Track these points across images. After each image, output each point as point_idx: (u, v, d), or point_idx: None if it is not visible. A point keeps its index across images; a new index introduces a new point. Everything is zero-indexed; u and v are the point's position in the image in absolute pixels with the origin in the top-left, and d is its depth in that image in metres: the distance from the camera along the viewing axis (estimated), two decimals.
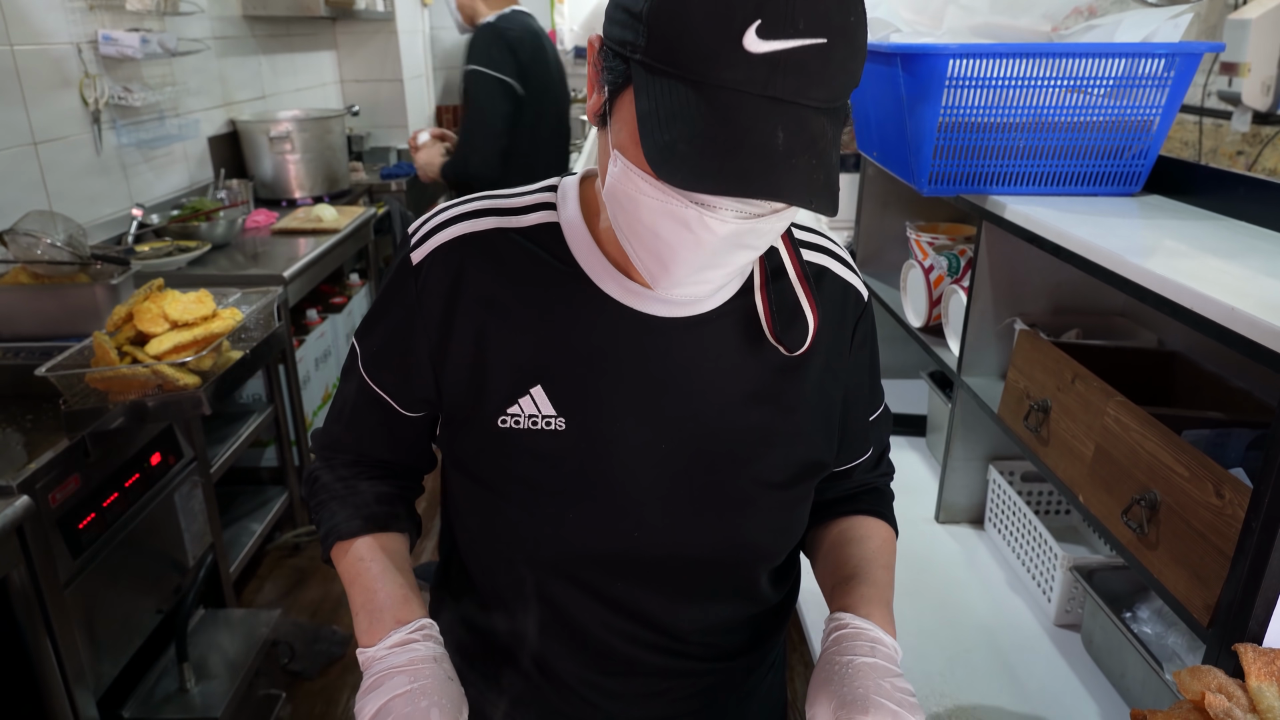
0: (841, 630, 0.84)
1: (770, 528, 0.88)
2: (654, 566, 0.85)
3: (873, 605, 0.86)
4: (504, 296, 0.81)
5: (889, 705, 0.76)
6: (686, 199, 0.65)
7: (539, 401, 0.81)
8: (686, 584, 0.87)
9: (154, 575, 2.06)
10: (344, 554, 0.87)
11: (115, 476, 1.90)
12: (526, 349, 0.81)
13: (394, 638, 0.79)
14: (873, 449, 0.99)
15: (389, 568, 0.85)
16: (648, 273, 0.73)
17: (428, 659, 0.78)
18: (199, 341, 1.87)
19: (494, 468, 0.83)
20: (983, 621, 1.37)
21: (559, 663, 0.90)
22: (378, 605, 0.82)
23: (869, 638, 0.83)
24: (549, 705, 0.93)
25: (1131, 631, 1.17)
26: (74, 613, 1.74)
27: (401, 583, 0.84)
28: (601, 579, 0.85)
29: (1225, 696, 0.76)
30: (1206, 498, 0.92)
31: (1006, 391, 1.36)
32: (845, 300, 0.90)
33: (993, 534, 1.57)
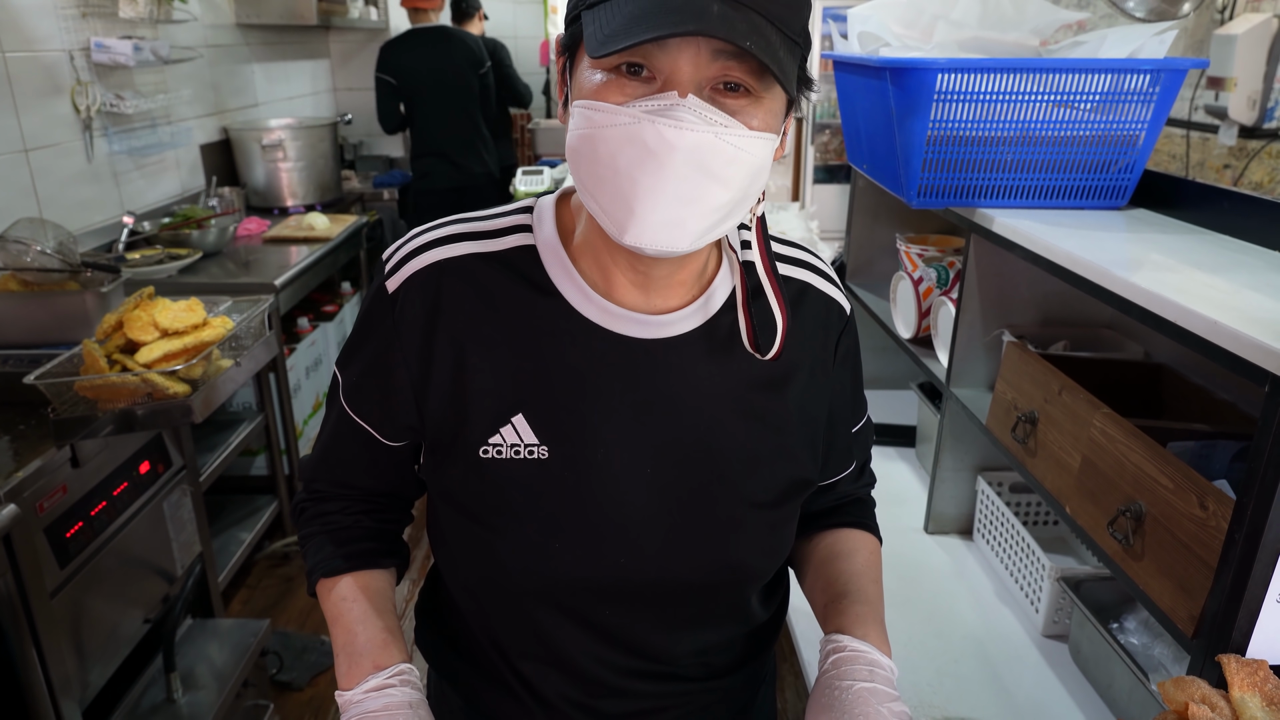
0: (839, 654, 0.84)
1: (759, 548, 0.88)
2: (643, 592, 0.85)
3: (868, 625, 0.87)
4: (482, 324, 0.80)
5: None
6: (639, 113, 0.67)
7: (521, 430, 0.80)
8: (676, 608, 0.87)
9: (142, 584, 2.05)
10: (328, 592, 0.87)
11: (104, 485, 1.90)
12: (506, 377, 0.80)
13: (371, 682, 0.79)
14: (856, 462, 1.00)
15: (370, 610, 0.84)
16: (615, 222, 0.71)
17: (403, 704, 0.78)
18: (189, 350, 1.87)
19: (478, 497, 0.82)
20: (971, 632, 1.37)
21: (547, 687, 0.89)
22: (357, 648, 0.82)
23: (866, 661, 0.83)
24: (521, 714, 0.92)
25: (1118, 642, 1.17)
26: (61, 622, 1.73)
27: (381, 626, 0.84)
28: (590, 606, 0.85)
29: (1209, 707, 0.77)
30: (1191, 509, 0.92)
31: (994, 403, 1.37)
32: (828, 315, 0.90)
33: (981, 544, 1.57)
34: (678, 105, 0.66)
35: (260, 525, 2.87)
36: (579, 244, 0.81)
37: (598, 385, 0.81)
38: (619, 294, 0.80)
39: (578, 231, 0.82)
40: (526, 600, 0.85)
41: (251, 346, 2.14)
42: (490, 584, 0.86)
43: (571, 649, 0.87)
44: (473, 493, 0.82)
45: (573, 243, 0.82)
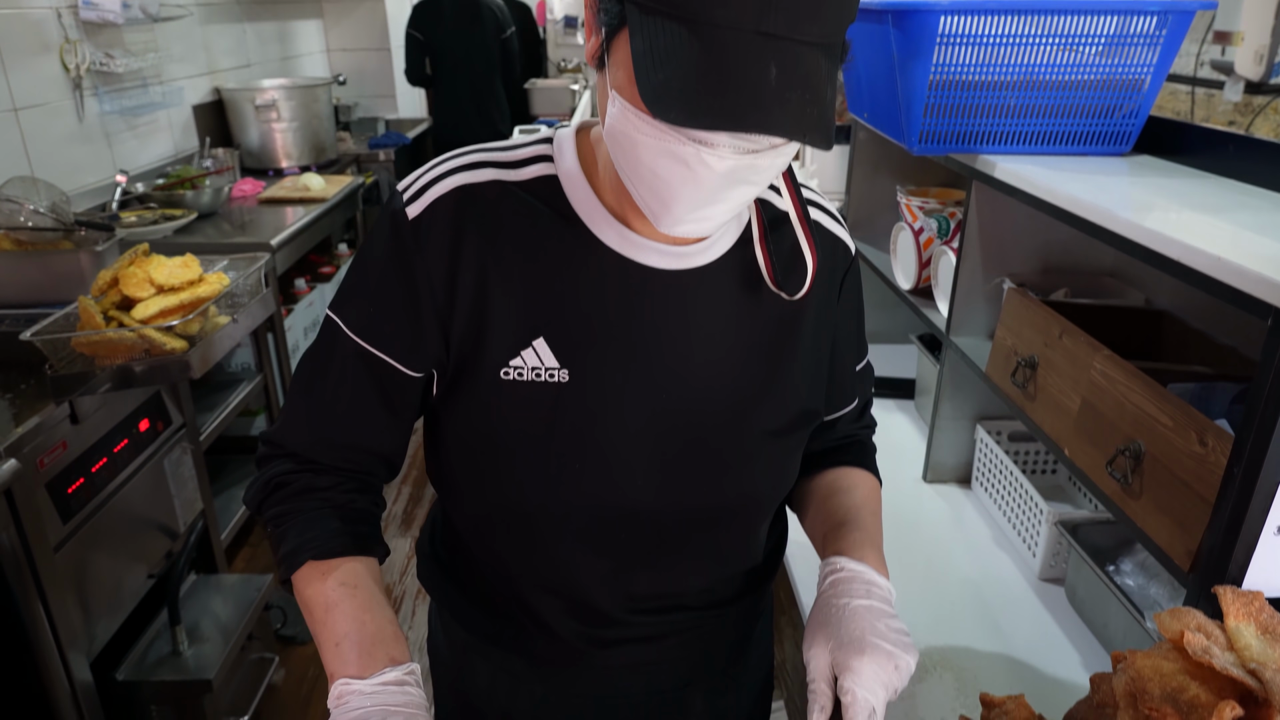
0: (837, 574, 0.86)
1: (769, 476, 0.90)
2: (657, 519, 0.85)
3: (865, 549, 0.88)
4: (505, 249, 0.79)
5: (885, 646, 0.78)
6: (683, 137, 0.65)
7: (541, 353, 0.80)
8: (689, 537, 0.88)
9: (145, 540, 2.06)
10: (322, 575, 0.80)
11: (104, 442, 1.90)
12: (528, 301, 0.80)
13: (389, 675, 0.75)
14: (858, 400, 1.00)
15: (376, 599, 0.81)
16: (649, 211, 0.73)
17: (421, 705, 0.75)
18: (185, 306, 1.86)
19: (496, 423, 0.81)
20: (969, 577, 1.38)
21: (556, 618, 0.90)
22: (368, 636, 0.77)
23: (864, 580, 0.85)
24: (539, 654, 0.93)
25: (1114, 583, 1.18)
26: (65, 576, 1.74)
27: (392, 618, 0.81)
28: (604, 534, 0.85)
29: (1204, 635, 0.78)
30: (1190, 446, 0.93)
31: (994, 349, 1.37)
32: (835, 252, 0.91)
33: (979, 493, 1.58)
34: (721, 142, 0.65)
35: None
36: (602, 175, 0.81)
37: (618, 313, 0.81)
38: (641, 225, 0.80)
39: (600, 163, 0.81)
40: (541, 530, 0.85)
41: (248, 304, 2.13)
42: (504, 516, 0.86)
43: (584, 579, 0.87)
44: (490, 418, 0.81)
45: (595, 173, 0.81)
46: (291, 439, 0.85)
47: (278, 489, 0.84)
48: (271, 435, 0.87)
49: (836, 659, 0.78)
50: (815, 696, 0.79)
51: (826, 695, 0.78)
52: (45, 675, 1.75)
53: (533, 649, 0.93)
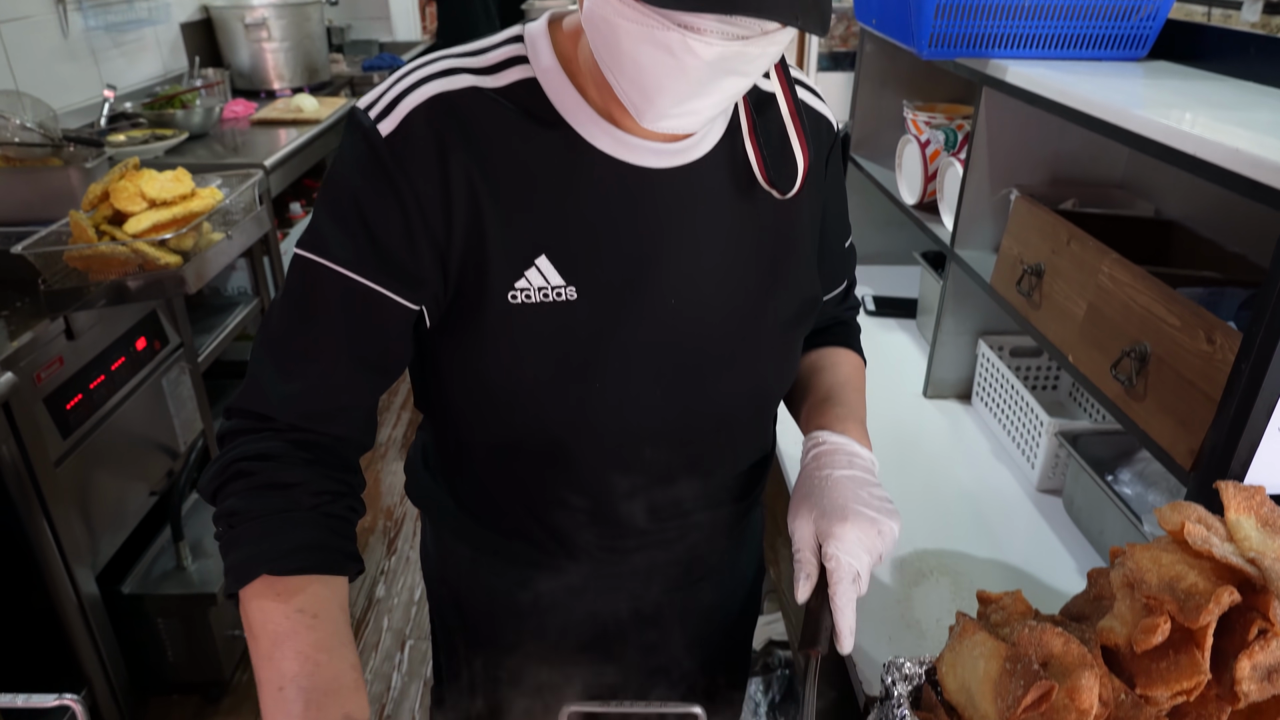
0: (820, 447, 0.86)
1: (779, 370, 0.90)
2: (676, 428, 0.84)
3: (848, 422, 0.89)
4: (494, 163, 0.73)
5: (867, 512, 0.78)
6: (668, 22, 0.60)
7: (546, 272, 0.75)
8: (705, 440, 0.87)
9: (146, 459, 2.07)
10: (277, 596, 0.67)
11: (101, 359, 1.89)
12: (524, 217, 0.74)
13: None
14: (845, 280, 1.00)
15: (341, 634, 0.68)
16: (631, 104, 0.68)
17: None
18: (178, 220, 1.83)
19: (508, 352, 0.77)
20: (967, 488, 1.39)
21: (576, 532, 0.89)
22: (321, 683, 0.64)
23: (846, 451, 0.85)
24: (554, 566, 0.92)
25: (1113, 490, 1.18)
26: (67, 491, 1.75)
27: (353, 661, 0.68)
28: (627, 448, 0.83)
29: (1204, 527, 0.78)
30: (1198, 345, 0.91)
31: (1000, 259, 1.35)
32: (819, 130, 0.88)
33: (979, 407, 1.58)
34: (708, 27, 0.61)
35: None
36: (583, 69, 0.75)
37: (618, 220, 0.77)
38: (629, 121, 0.75)
39: (580, 57, 0.75)
40: (561, 452, 0.82)
41: (242, 221, 2.10)
42: (521, 442, 0.83)
43: (605, 494, 0.86)
44: (504, 347, 0.76)
45: (576, 69, 0.76)
46: (262, 403, 0.74)
47: (236, 478, 0.71)
48: (238, 403, 0.75)
49: (820, 527, 0.79)
50: (800, 565, 0.79)
51: (811, 563, 0.79)
52: (52, 588, 1.78)
53: (548, 562, 0.92)
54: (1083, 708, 0.76)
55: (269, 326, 0.76)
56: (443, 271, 0.74)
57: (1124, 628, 0.80)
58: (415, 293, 0.75)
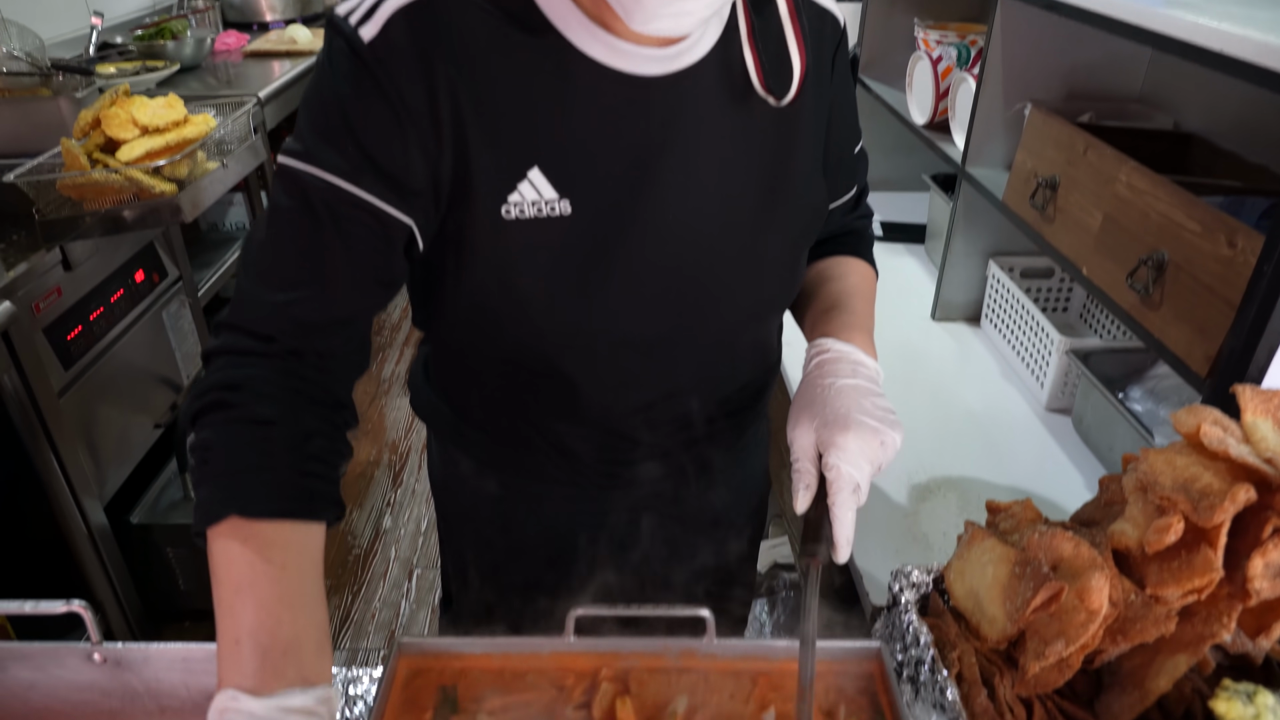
0: (823, 355, 0.83)
1: (784, 280, 0.87)
2: (678, 342, 0.82)
3: (854, 331, 0.85)
4: (479, 70, 0.69)
5: (869, 422, 0.76)
6: None
7: (539, 185, 0.72)
8: (710, 352, 0.85)
9: (149, 391, 2.06)
10: (239, 540, 0.62)
11: (100, 290, 1.87)
12: (514, 128, 0.71)
13: (293, 700, 0.58)
14: (855, 187, 0.96)
15: (304, 590, 0.63)
16: (620, 6, 0.65)
17: None
18: (171, 147, 1.79)
19: (505, 270, 0.74)
20: (975, 408, 1.38)
21: (579, 445, 0.88)
22: (279, 640, 0.60)
23: (850, 360, 0.82)
24: (560, 478, 0.92)
25: (1125, 406, 1.17)
26: (71, 422, 1.75)
27: (317, 620, 0.63)
28: (627, 363, 0.82)
29: (1220, 429, 0.76)
30: (1218, 250, 0.89)
31: (1013, 174, 1.32)
32: (823, 27, 0.83)
33: (988, 329, 1.56)
34: None
35: None
36: None
37: (611, 130, 0.73)
38: (620, 26, 0.70)
39: None
40: (563, 369, 0.81)
41: (237, 150, 2.06)
42: (521, 360, 0.82)
43: (609, 409, 0.85)
44: (501, 265, 0.74)
45: None
46: (251, 315, 0.69)
47: (215, 409, 0.66)
48: (227, 318, 0.70)
49: (821, 437, 0.75)
50: (799, 475, 0.76)
51: (811, 473, 0.76)
52: (61, 518, 1.79)
53: (551, 474, 0.91)
54: (1092, 608, 0.75)
55: (255, 240, 0.72)
56: (434, 182, 0.71)
57: (1135, 530, 0.79)
58: (408, 203, 0.71)
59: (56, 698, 0.82)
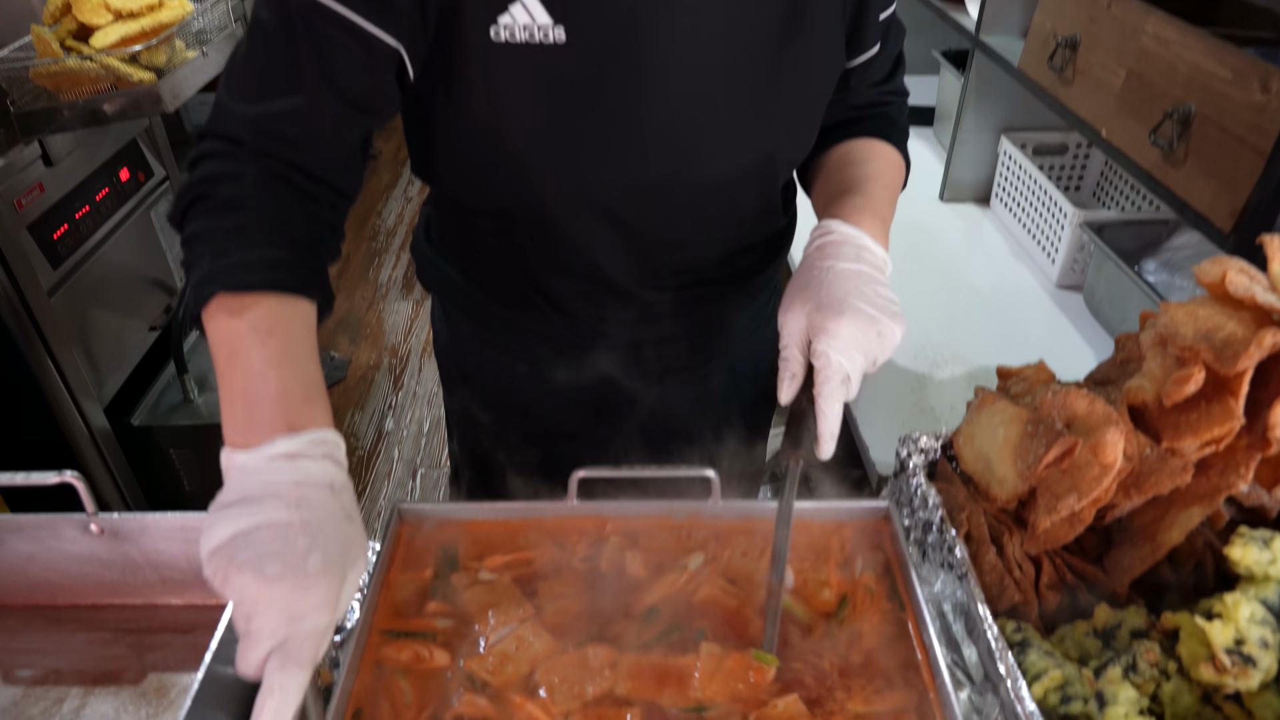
0: (827, 237, 0.77)
1: (793, 134, 0.82)
2: (677, 187, 0.78)
3: (864, 215, 0.78)
4: None
5: (868, 310, 0.70)
6: None
7: (531, 8, 0.67)
8: (710, 204, 0.81)
9: (142, 293, 2.03)
10: (230, 314, 0.62)
11: (83, 188, 1.82)
12: None
13: (279, 446, 0.57)
14: (881, 47, 0.89)
15: (289, 349, 0.62)
16: None
17: (320, 485, 0.57)
18: (147, 32, 1.71)
19: (495, 100, 0.70)
20: (984, 285, 1.35)
21: (572, 298, 0.85)
22: (265, 396, 0.59)
23: (856, 244, 0.76)
24: (558, 338, 0.90)
25: (1141, 277, 1.14)
26: (64, 323, 1.72)
27: (304, 375, 0.62)
28: (621, 209, 0.78)
29: (1246, 277, 0.73)
30: (1250, 96, 0.84)
31: (1031, 36, 1.25)
32: None
33: (998, 209, 1.52)
34: None
35: None
36: None
37: None
38: None
39: None
40: (555, 212, 0.78)
41: (217, 39, 1.97)
42: (514, 202, 0.78)
43: (602, 258, 0.81)
44: (490, 95, 0.70)
45: None
46: (233, 123, 0.67)
47: (198, 201, 0.66)
48: (208, 127, 0.69)
49: (813, 321, 0.70)
50: (785, 363, 0.71)
51: (798, 361, 0.71)
52: (62, 421, 1.78)
53: (551, 333, 0.89)
54: (1106, 462, 0.74)
55: (238, 55, 0.69)
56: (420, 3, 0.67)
57: (1153, 385, 0.77)
58: (392, 21, 0.66)
59: (56, 570, 0.81)
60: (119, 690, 0.76)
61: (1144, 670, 0.70)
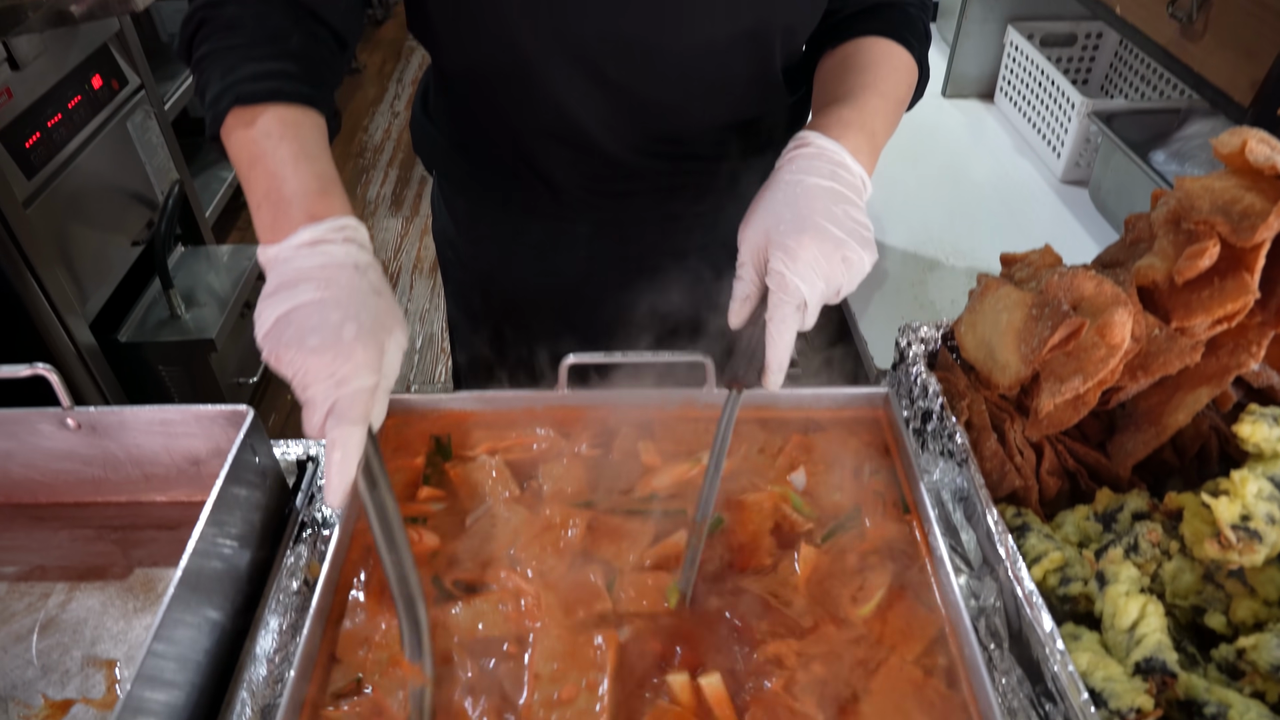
0: (802, 149, 0.69)
1: (789, 5, 0.76)
2: (663, 50, 0.74)
3: (848, 130, 0.71)
4: None
5: (835, 231, 0.64)
6: None
7: None
8: (696, 68, 0.77)
9: (123, 208, 1.98)
10: (245, 125, 0.65)
11: (54, 95, 1.75)
12: None
13: (303, 235, 0.61)
14: None
15: (303, 151, 0.64)
16: None
17: (345, 265, 0.60)
18: None
19: None
20: (986, 182, 1.31)
21: (558, 166, 0.82)
22: (286, 195, 0.63)
23: (832, 160, 0.68)
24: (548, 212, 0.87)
25: (1151, 166, 1.10)
26: (42, 236, 1.68)
27: (319, 171, 0.64)
28: (604, 67, 0.74)
29: (1267, 147, 0.70)
30: None
31: None
32: None
33: (1003, 104, 1.47)
34: None
35: None
36: None
37: None
38: None
39: None
40: (538, 70, 0.75)
41: None
42: (498, 60, 0.76)
43: (586, 120, 0.78)
44: None
45: None
46: None
47: (202, 25, 0.68)
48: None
49: (772, 238, 0.64)
50: (739, 282, 0.66)
51: (753, 282, 0.66)
52: (47, 337, 1.75)
53: (541, 207, 0.87)
54: (1114, 343, 0.71)
55: None
56: None
57: (1164, 263, 0.74)
58: None
59: (36, 468, 0.79)
60: (105, 585, 0.75)
61: (1145, 550, 0.69)
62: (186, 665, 0.61)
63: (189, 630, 0.62)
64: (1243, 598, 0.65)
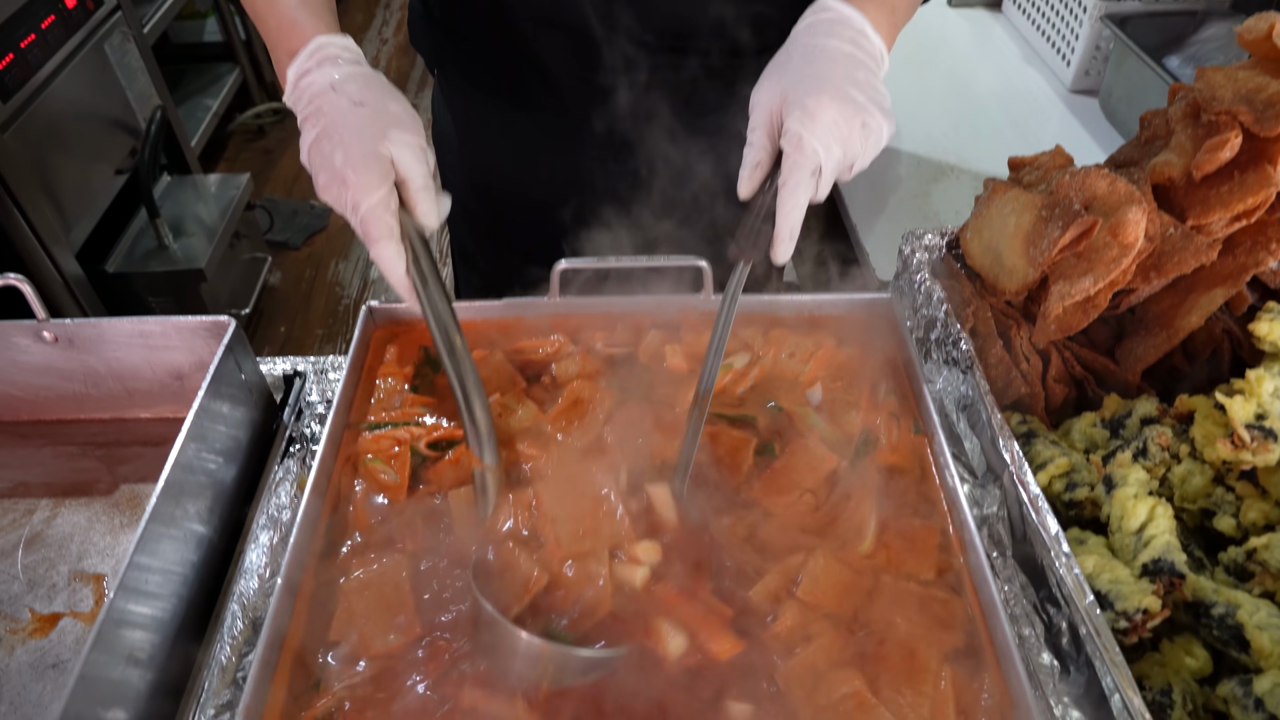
0: (821, 14, 0.65)
1: None
2: None
3: (869, 3, 0.66)
4: None
5: (856, 95, 0.60)
6: None
7: None
8: None
9: (105, 136, 1.92)
10: None
11: (26, 15, 1.68)
12: None
13: (291, 73, 0.64)
14: None
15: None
16: None
17: (323, 90, 0.62)
18: None
19: None
20: (993, 91, 1.26)
21: (551, 53, 0.80)
22: (272, 36, 0.66)
23: (853, 26, 0.64)
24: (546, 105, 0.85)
25: (1166, 71, 1.05)
26: (21, 163, 1.63)
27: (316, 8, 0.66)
28: None
29: None
30: None
31: None
32: None
33: (1011, 11, 1.41)
34: None
35: (225, 93, 2.68)
36: None
37: None
38: None
39: None
40: None
41: None
42: None
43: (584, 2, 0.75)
44: None
45: None
46: None
47: None
48: None
49: (789, 98, 0.59)
50: (751, 148, 0.62)
51: (764, 148, 0.61)
52: (33, 267, 1.72)
53: (538, 100, 0.84)
54: (1126, 242, 0.69)
55: None
56: None
57: (1182, 158, 0.71)
58: None
59: (15, 384, 0.77)
60: (90, 501, 0.73)
61: (1154, 454, 0.67)
62: (171, 578, 0.60)
63: (173, 544, 0.60)
64: (1254, 499, 0.64)
